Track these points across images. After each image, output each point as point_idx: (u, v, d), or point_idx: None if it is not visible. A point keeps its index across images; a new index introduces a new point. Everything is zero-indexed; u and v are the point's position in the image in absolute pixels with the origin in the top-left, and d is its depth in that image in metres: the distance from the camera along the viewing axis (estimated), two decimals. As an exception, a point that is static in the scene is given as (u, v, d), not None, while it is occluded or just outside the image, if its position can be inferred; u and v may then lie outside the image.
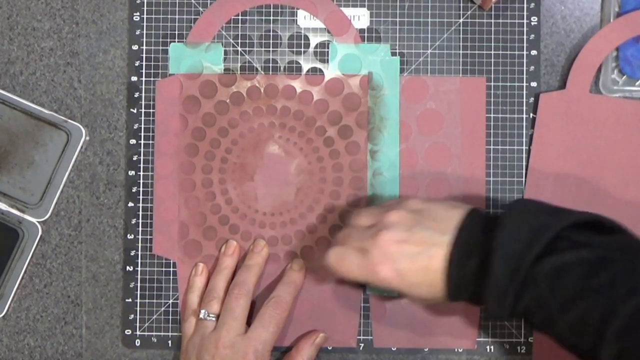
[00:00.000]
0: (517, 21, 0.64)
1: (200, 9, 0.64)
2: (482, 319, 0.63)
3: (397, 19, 0.64)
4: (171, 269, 0.64)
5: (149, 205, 0.64)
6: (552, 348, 0.52)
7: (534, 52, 0.64)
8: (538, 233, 0.49)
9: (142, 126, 0.64)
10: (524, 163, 0.63)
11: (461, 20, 0.64)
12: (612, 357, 0.46)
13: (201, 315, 0.59)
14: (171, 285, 0.64)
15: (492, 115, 0.64)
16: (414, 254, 0.52)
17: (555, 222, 0.49)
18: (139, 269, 0.64)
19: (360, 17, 0.64)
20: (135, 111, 0.64)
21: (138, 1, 0.64)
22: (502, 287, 0.49)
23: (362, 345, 0.63)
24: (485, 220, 0.52)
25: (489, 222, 0.51)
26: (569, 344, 0.49)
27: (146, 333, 0.64)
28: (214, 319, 0.59)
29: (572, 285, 0.47)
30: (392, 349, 0.63)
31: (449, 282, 0.51)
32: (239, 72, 0.64)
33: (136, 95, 0.64)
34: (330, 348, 0.63)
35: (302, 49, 0.64)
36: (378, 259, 0.52)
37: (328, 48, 0.64)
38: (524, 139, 0.63)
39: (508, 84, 0.64)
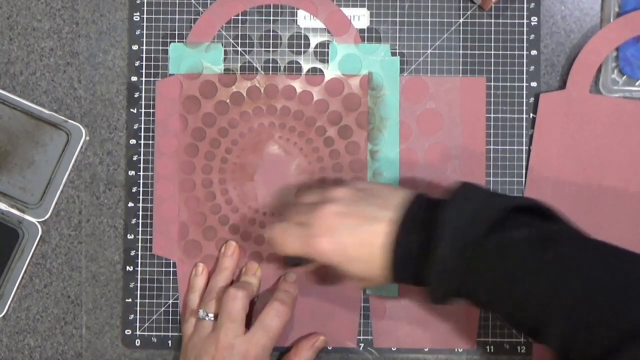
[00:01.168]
0: (517, 21, 0.64)
1: (200, 9, 0.64)
2: (482, 319, 0.63)
3: (397, 19, 0.64)
4: (171, 269, 0.64)
5: (149, 205, 0.64)
6: (552, 348, 0.52)
7: (534, 52, 0.64)
8: (483, 212, 0.48)
9: (142, 126, 0.64)
10: (524, 163, 0.63)
11: (461, 20, 0.64)
12: (557, 335, 0.45)
13: (200, 316, 0.59)
14: (171, 285, 0.64)
15: (492, 115, 0.64)
16: (355, 226, 0.51)
17: (500, 203, 0.49)
18: (139, 269, 0.64)
19: (360, 17, 0.64)
20: (135, 111, 0.64)
21: (138, 1, 0.64)
22: (448, 263, 0.48)
23: (362, 345, 0.63)
24: (430, 201, 0.51)
25: (434, 202, 0.51)
26: (515, 320, 0.49)
27: (146, 333, 0.64)
28: (212, 319, 0.58)
29: (519, 262, 0.47)
30: (392, 349, 0.63)
31: (392, 259, 0.50)
32: (239, 72, 0.64)
33: (136, 95, 0.64)
34: (330, 348, 0.63)
35: (302, 49, 0.64)
36: (318, 231, 0.52)
37: (328, 48, 0.64)
38: (524, 139, 0.63)
39: (508, 84, 0.64)
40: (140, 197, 0.64)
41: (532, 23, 0.64)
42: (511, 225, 0.48)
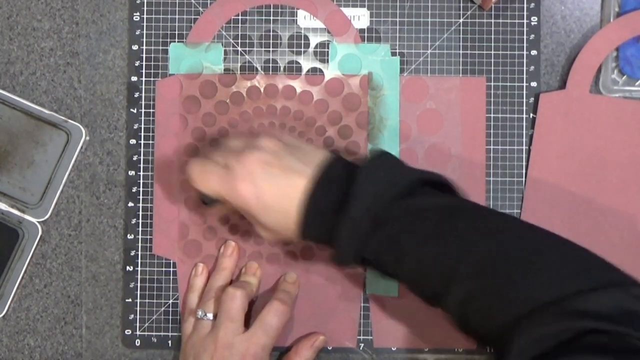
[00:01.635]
0: (517, 21, 0.64)
1: (200, 9, 0.64)
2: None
3: (397, 19, 0.64)
4: (171, 269, 0.64)
5: (149, 205, 0.64)
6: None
7: (534, 52, 0.64)
8: (396, 178, 0.50)
9: (142, 126, 0.64)
10: (524, 163, 0.63)
11: (461, 20, 0.64)
12: (458, 299, 0.47)
13: (198, 315, 0.59)
14: (171, 285, 0.64)
15: (492, 115, 0.63)
16: (276, 176, 0.52)
17: (412, 173, 0.52)
18: (139, 269, 0.64)
19: (360, 17, 0.64)
20: (135, 111, 0.64)
21: (138, 1, 0.64)
22: (358, 222, 0.49)
23: (362, 345, 0.63)
24: (348, 164, 0.53)
25: (352, 166, 0.52)
26: (417, 284, 0.50)
27: (146, 333, 0.64)
28: (211, 318, 0.58)
29: (427, 227, 0.49)
30: (392, 349, 0.63)
31: (305, 213, 0.51)
32: (239, 72, 0.64)
33: (136, 95, 0.64)
34: (330, 348, 0.63)
35: (302, 49, 0.64)
36: (240, 175, 0.52)
37: (328, 48, 0.64)
38: (524, 139, 0.63)
39: (508, 84, 0.64)
40: (140, 197, 0.64)
41: (532, 23, 0.64)
42: (422, 193, 0.51)
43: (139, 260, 0.64)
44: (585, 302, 0.42)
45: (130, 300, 0.64)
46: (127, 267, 0.64)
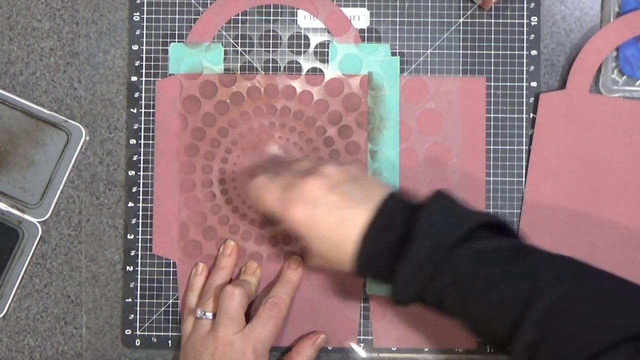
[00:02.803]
0: (517, 21, 0.64)
1: (200, 9, 0.64)
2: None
3: (397, 19, 0.64)
4: (171, 269, 0.64)
5: (149, 205, 0.64)
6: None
7: (534, 52, 0.64)
8: (459, 221, 0.49)
9: (142, 126, 0.64)
10: (524, 163, 0.63)
11: (461, 20, 0.64)
12: (527, 343, 0.45)
13: (198, 315, 0.59)
14: (171, 285, 0.64)
15: (492, 115, 0.64)
16: (335, 206, 0.51)
17: (474, 216, 0.50)
18: (139, 269, 0.64)
19: (360, 17, 0.64)
20: (135, 111, 0.64)
21: (138, 1, 0.64)
22: (419, 264, 0.48)
23: (362, 345, 0.63)
24: (408, 202, 0.52)
25: (412, 204, 0.51)
26: (483, 328, 0.49)
27: (146, 333, 0.64)
28: (210, 318, 0.59)
29: (493, 269, 0.48)
30: (392, 348, 0.63)
31: (362, 248, 0.50)
32: (239, 72, 0.64)
33: (136, 95, 0.64)
34: (330, 348, 0.63)
35: (302, 49, 0.64)
36: (298, 198, 0.52)
37: (328, 48, 0.64)
38: (524, 139, 0.63)
39: (508, 84, 0.64)
40: (140, 197, 0.64)
41: (532, 23, 0.64)
42: (485, 235, 0.50)
43: (139, 260, 0.64)
44: None
45: (130, 300, 0.64)
46: (127, 267, 0.64)
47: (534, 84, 0.64)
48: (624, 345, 0.42)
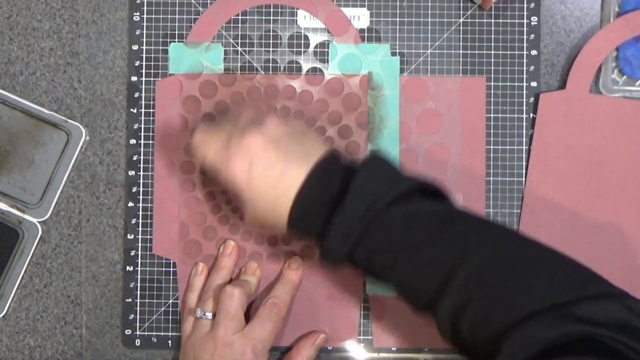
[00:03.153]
0: (517, 21, 0.64)
1: (200, 9, 0.64)
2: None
3: (397, 19, 0.64)
4: (171, 269, 0.64)
5: (149, 205, 0.64)
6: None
7: (534, 52, 0.64)
8: (395, 183, 0.50)
9: (142, 126, 0.64)
10: (524, 163, 0.63)
11: (461, 20, 0.64)
12: (451, 307, 0.46)
13: (197, 314, 0.59)
14: (171, 285, 0.64)
15: (492, 115, 0.64)
16: (273, 162, 0.51)
17: (410, 179, 0.51)
18: (139, 269, 0.64)
19: (360, 17, 0.64)
20: (135, 111, 0.64)
21: (138, 1, 0.64)
22: (352, 221, 0.49)
23: (362, 345, 0.63)
24: (347, 163, 0.52)
25: (350, 165, 0.52)
26: (410, 291, 0.49)
27: (146, 333, 0.64)
28: (210, 317, 0.59)
29: (424, 232, 0.48)
30: (392, 348, 0.63)
31: (296, 205, 0.50)
32: (239, 72, 0.64)
33: (136, 95, 0.64)
34: (330, 348, 0.63)
35: (302, 49, 0.64)
36: (236, 153, 0.51)
37: (328, 48, 0.64)
38: (524, 139, 0.63)
39: (508, 84, 0.64)
40: (140, 197, 0.64)
41: (532, 23, 0.64)
42: (418, 199, 0.50)
43: (139, 260, 0.64)
44: (581, 310, 0.42)
45: (130, 300, 0.64)
46: (127, 267, 0.64)
47: (534, 84, 0.64)
48: (547, 312, 0.43)
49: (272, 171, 0.51)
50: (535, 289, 0.44)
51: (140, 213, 0.64)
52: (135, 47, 0.64)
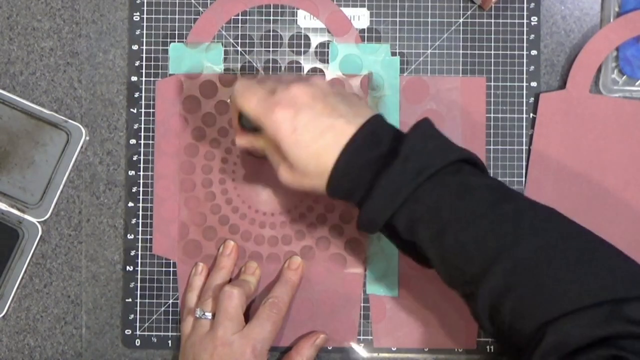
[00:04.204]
0: (517, 21, 0.64)
1: (200, 9, 0.64)
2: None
3: (397, 19, 0.64)
4: (171, 269, 0.64)
5: (149, 205, 0.64)
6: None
7: (534, 52, 0.64)
8: (446, 149, 0.48)
9: (142, 126, 0.64)
10: (524, 163, 0.63)
11: (461, 20, 0.64)
12: (494, 289, 0.44)
13: (197, 314, 0.59)
14: (171, 285, 0.64)
15: (492, 115, 0.64)
16: (320, 113, 0.48)
17: (461, 149, 0.49)
18: (139, 269, 0.64)
19: (361, 17, 0.64)
20: (135, 111, 0.64)
21: (138, 1, 0.64)
22: (401, 182, 0.46)
23: (362, 345, 0.63)
24: (395, 128, 0.50)
25: (398, 130, 0.50)
26: (448, 263, 0.47)
27: (146, 333, 0.64)
28: (209, 317, 0.58)
29: (475, 205, 0.46)
30: (392, 348, 0.63)
31: (341, 159, 0.47)
32: (239, 72, 0.64)
33: (136, 95, 0.64)
34: (330, 348, 0.63)
35: (303, 49, 0.64)
36: (283, 101, 0.48)
37: (328, 48, 0.64)
38: (524, 139, 0.63)
39: (508, 84, 0.64)
40: (140, 197, 0.64)
41: (532, 23, 0.64)
42: (468, 170, 0.48)
43: (139, 260, 0.64)
44: (632, 310, 0.41)
45: (130, 300, 0.64)
46: (127, 267, 0.64)
47: (534, 84, 0.64)
48: (598, 308, 0.42)
49: (318, 122, 0.48)
50: (586, 283, 0.43)
51: (140, 213, 0.64)
52: (135, 47, 0.64)
